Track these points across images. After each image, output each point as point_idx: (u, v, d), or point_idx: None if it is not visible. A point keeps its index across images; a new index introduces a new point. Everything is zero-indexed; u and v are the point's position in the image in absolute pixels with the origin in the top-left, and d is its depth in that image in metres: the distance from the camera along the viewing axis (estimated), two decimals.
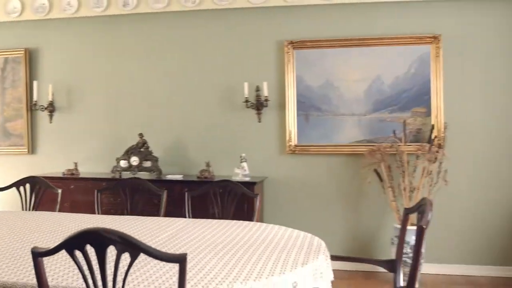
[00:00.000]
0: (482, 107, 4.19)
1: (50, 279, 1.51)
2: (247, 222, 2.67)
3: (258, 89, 4.38)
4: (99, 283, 1.36)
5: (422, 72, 4.23)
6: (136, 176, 4.08)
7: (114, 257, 1.34)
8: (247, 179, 4.12)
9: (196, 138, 4.57)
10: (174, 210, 3.39)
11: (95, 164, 4.75)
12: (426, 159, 3.99)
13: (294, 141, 4.40)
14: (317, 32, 4.38)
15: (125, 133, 4.65)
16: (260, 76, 4.40)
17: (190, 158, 4.58)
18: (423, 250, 3.83)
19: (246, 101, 4.36)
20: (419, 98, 4.24)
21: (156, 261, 1.46)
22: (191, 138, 4.59)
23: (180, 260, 1.32)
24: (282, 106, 4.42)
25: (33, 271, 1.41)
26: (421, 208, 2.12)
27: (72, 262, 1.40)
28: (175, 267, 1.35)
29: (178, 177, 4.35)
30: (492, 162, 4.18)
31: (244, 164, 4.21)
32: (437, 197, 3.97)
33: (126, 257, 1.32)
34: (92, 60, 4.77)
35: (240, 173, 4.19)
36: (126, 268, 1.36)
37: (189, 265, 1.70)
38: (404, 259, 3.57)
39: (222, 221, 2.70)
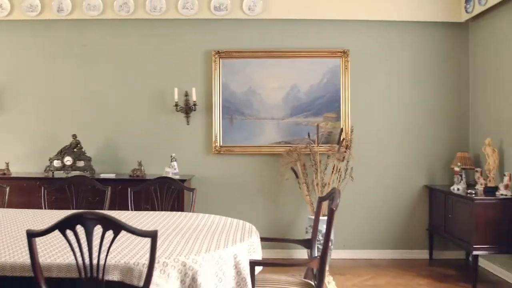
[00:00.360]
0: (383, 114, 4.87)
1: (42, 259, 1.82)
2: (187, 212, 3.05)
3: (187, 94, 4.77)
4: (86, 255, 1.72)
5: (333, 82, 4.83)
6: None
7: (99, 235, 1.72)
8: (177, 177, 4.47)
9: (128, 139, 4.86)
10: (112, 206, 3.69)
11: (26, 164, 4.88)
12: (335, 158, 4.57)
13: (219, 142, 4.83)
14: (242, 44, 4.86)
15: (57, 134, 4.84)
16: (189, 82, 4.80)
17: (122, 158, 4.86)
18: (332, 237, 4.42)
19: (176, 105, 4.73)
20: (331, 104, 4.83)
21: (128, 236, 1.81)
22: (123, 139, 4.88)
23: (153, 235, 1.72)
24: (209, 110, 4.84)
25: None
26: (332, 195, 2.59)
27: (59, 244, 1.73)
28: (144, 241, 1.74)
29: (111, 175, 4.62)
30: (391, 162, 4.87)
31: (174, 163, 4.57)
32: (344, 191, 4.57)
33: (109, 235, 1.71)
34: (25, 62, 4.90)
35: (170, 172, 4.54)
36: (109, 242, 1.73)
37: None
38: (318, 245, 4.11)
39: (165, 212, 3.07)
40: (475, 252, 3.91)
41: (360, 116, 4.83)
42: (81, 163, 4.63)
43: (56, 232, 1.73)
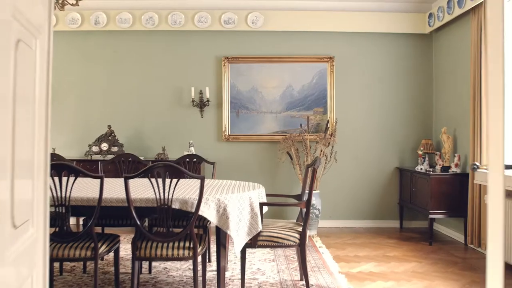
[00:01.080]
0: (362, 108, 5.97)
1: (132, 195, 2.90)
2: (214, 179, 4.14)
3: (201, 92, 5.85)
4: (161, 191, 2.80)
5: (321, 82, 5.93)
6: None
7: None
8: (194, 159, 5.55)
9: (152, 129, 5.94)
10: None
11: (68, 151, 5.95)
12: (322, 144, 5.67)
13: (228, 131, 5.92)
14: (246, 51, 5.94)
15: (94, 125, 5.91)
16: (203, 82, 5.88)
17: (148, 145, 5.94)
18: (319, 207, 5.51)
19: (192, 101, 5.82)
20: (319, 100, 5.93)
21: (183, 182, 2.89)
22: (148, 129, 5.95)
23: (201, 177, 2.82)
24: (219, 105, 5.92)
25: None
26: (315, 161, 3.66)
27: (138, 187, 2.81)
28: (194, 185, 2.82)
29: (141, 158, 5.68)
30: (368, 147, 5.97)
31: (192, 148, 5.65)
32: (329, 171, 5.68)
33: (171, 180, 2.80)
34: (67, 66, 5.96)
35: None
36: (174, 183, 2.81)
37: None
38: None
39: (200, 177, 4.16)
40: (431, 216, 5.02)
41: (343, 110, 5.93)
42: (115, 149, 5.70)
43: (136, 180, 2.81)
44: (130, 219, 3.68)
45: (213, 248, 4.45)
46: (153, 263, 4.04)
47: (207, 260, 4.11)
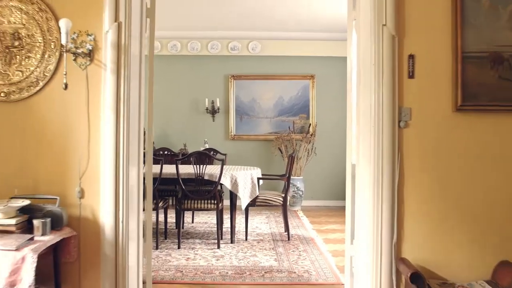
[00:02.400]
0: (335, 114, 7.85)
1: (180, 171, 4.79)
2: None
3: (213, 102, 7.75)
4: (198, 172, 4.70)
5: (304, 95, 7.82)
6: None
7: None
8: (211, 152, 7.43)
9: (175, 130, 7.81)
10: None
11: None
12: (305, 142, 7.56)
13: (233, 132, 7.80)
14: (247, 70, 7.83)
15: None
16: (215, 94, 7.77)
17: (171, 142, 7.81)
18: (303, 189, 7.40)
19: (206, 109, 7.71)
20: (303, 108, 7.82)
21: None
22: (172, 131, 7.82)
23: (223, 159, 4.76)
24: (227, 112, 7.81)
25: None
26: (293, 152, 5.53)
27: (183, 166, 4.71)
28: (215, 167, 4.74)
29: (166, 152, 7.58)
30: (340, 143, 7.82)
31: (206, 145, 7.53)
32: (310, 162, 7.57)
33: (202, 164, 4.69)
34: None
35: None
36: (205, 164, 4.71)
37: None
38: (293, 196, 7.12)
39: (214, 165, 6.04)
40: None
41: (321, 116, 7.82)
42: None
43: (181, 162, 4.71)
44: (175, 190, 5.56)
45: (226, 218, 6.34)
46: (186, 224, 5.91)
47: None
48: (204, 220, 6.31)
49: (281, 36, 7.72)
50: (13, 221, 2.42)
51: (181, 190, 4.82)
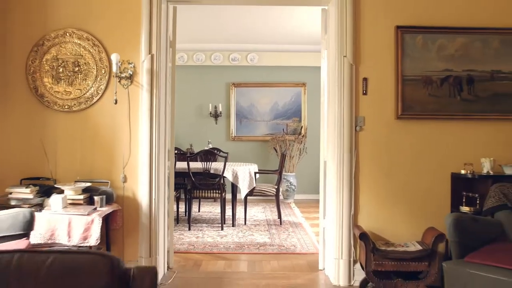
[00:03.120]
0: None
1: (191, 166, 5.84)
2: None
3: (216, 107, 8.80)
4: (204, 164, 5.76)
5: (297, 100, 8.87)
6: None
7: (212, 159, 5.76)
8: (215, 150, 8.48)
9: (183, 131, 8.86)
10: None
11: None
12: (297, 142, 8.61)
13: (234, 133, 8.85)
14: (247, 79, 8.88)
15: None
16: (217, 100, 8.83)
17: (179, 142, 8.85)
18: (295, 184, 8.46)
19: (210, 113, 8.76)
20: (296, 113, 8.87)
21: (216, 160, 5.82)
22: (181, 132, 8.86)
23: (226, 156, 5.79)
24: (228, 116, 8.86)
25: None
26: (285, 151, 6.58)
27: (193, 163, 5.77)
28: (221, 160, 5.80)
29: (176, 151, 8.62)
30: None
31: (210, 145, 8.58)
32: (302, 160, 8.62)
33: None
34: None
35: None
36: (211, 160, 5.77)
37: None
38: (286, 190, 8.17)
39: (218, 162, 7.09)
40: None
41: (311, 119, 8.87)
42: None
43: (192, 159, 5.77)
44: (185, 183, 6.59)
45: (228, 209, 7.38)
46: (193, 213, 6.95)
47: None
48: (209, 210, 7.36)
49: (276, 48, 8.77)
50: (81, 197, 3.47)
51: (191, 182, 5.87)
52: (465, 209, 3.60)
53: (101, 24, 3.85)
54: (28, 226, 2.92)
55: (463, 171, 3.69)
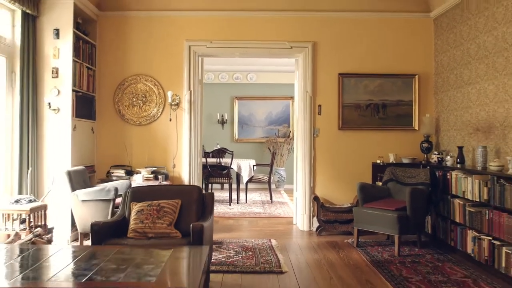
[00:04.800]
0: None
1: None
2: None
3: (222, 116, 11.39)
4: (218, 159, 8.37)
5: (287, 110, 11.46)
6: None
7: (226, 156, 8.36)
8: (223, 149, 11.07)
9: None
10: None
11: None
12: (287, 143, 11.20)
13: (237, 137, 11.45)
14: (247, 93, 11.48)
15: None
16: (224, 110, 11.43)
17: None
18: (285, 176, 11.08)
19: (218, 120, 11.37)
20: (286, 120, 11.46)
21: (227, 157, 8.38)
22: None
23: (232, 152, 8.36)
24: (232, 122, 11.46)
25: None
26: (275, 150, 9.16)
27: (210, 159, 8.38)
28: (229, 156, 8.41)
29: None
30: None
31: (218, 146, 11.16)
32: (290, 157, 11.20)
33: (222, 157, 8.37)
34: None
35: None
36: (222, 156, 8.38)
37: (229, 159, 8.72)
38: (277, 179, 10.81)
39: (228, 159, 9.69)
40: None
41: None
42: None
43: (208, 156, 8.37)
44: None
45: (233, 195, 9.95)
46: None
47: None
48: (218, 194, 9.96)
49: (270, 69, 11.36)
50: (151, 176, 6.05)
51: (208, 172, 8.44)
52: (378, 183, 6.18)
53: (159, 71, 6.44)
54: (129, 188, 5.49)
55: (378, 161, 6.27)
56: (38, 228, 4.13)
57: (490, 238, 4.40)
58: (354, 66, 6.45)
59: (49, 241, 4.22)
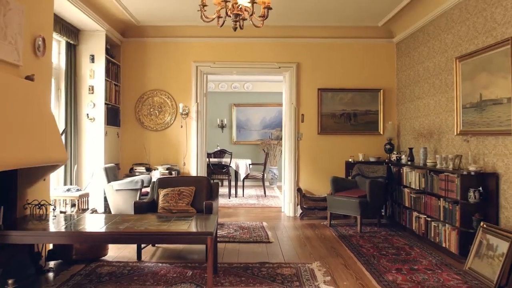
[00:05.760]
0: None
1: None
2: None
3: (222, 121, 12.92)
4: (219, 158, 9.92)
5: (280, 116, 12.97)
6: None
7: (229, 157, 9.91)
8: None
9: None
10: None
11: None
12: (279, 145, 12.72)
13: (235, 139, 12.98)
14: (244, 101, 13.00)
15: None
16: (224, 115, 12.96)
17: None
18: (277, 174, 12.63)
19: (218, 125, 12.89)
20: (278, 124, 12.98)
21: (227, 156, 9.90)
22: None
23: (231, 153, 9.91)
24: (230, 127, 12.98)
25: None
26: (268, 151, 10.67)
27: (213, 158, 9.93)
28: (228, 156, 9.96)
29: None
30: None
31: (218, 147, 12.68)
32: (282, 157, 12.75)
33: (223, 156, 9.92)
34: None
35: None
36: (222, 155, 9.92)
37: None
38: (271, 177, 12.36)
39: (228, 159, 11.22)
40: None
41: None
42: None
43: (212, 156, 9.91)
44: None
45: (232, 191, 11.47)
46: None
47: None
48: (219, 189, 11.47)
49: (265, 79, 12.90)
50: (166, 172, 7.57)
51: (210, 169, 9.95)
52: (349, 177, 7.71)
53: (171, 87, 7.98)
54: (150, 181, 7.02)
55: (350, 160, 7.80)
56: (94, 207, 5.65)
57: (425, 216, 5.94)
58: (331, 82, 7.99)
59: None
